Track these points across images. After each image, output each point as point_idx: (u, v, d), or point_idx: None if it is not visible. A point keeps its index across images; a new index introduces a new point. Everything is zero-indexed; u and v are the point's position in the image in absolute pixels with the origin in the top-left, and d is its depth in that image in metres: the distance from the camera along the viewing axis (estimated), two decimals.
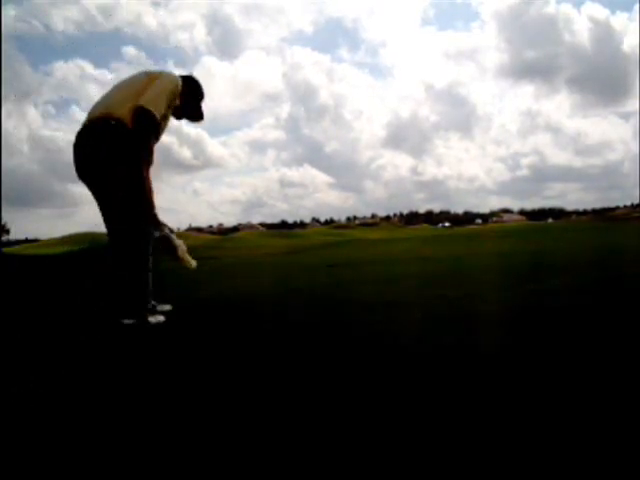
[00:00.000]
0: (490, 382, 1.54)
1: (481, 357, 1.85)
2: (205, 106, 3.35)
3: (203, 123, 3.36)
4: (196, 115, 3.26)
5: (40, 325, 3.08)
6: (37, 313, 3.62)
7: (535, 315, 2.60)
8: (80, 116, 2.56)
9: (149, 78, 2.88)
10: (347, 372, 1.73)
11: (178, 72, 3.18)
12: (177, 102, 3.00)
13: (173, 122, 3.22)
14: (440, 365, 1.76)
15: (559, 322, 2.39)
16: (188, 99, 3.11)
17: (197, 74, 3.29)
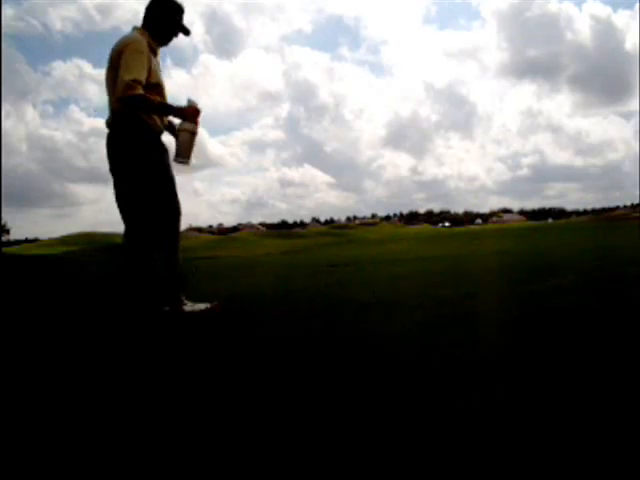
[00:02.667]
0: (489, 382, 1.53)
1: (481, 358, 1.84)
2: (204, 104, 3.35)
3: (191, 39, 3.37)
4: (181, 31, 3.10)
5: (41, 325, 3.07)
6: (38, 314, 3.61)
7: (535, 316, 2.60)
8: (79, 116, 2.53)
9: (118, 57, 2.77)
10: (346, 372, 1.73)
11: (175, 71, 3.14)
12: (151, 60, 2.87)
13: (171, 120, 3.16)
14: (440, 365, 1.75)
15: (559, 323, 2.38)
16: (167, 19, 3.01)
17: (196, 73, 3.28)
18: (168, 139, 3.13)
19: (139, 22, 3.11)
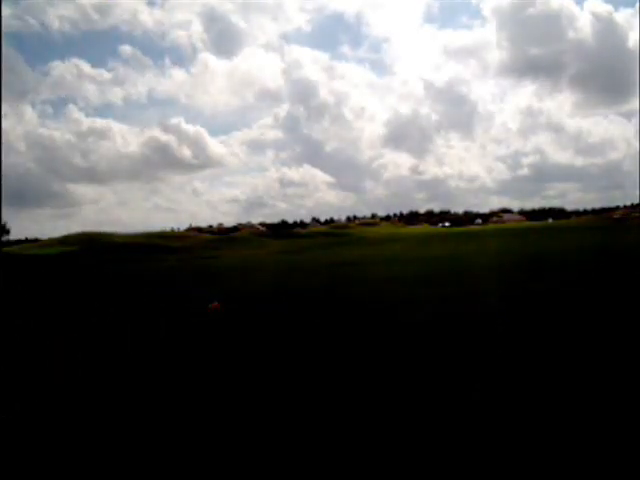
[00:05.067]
0: (490, 378, 1.54)
1: (481, 357, 1.85)
2: (204, 103, 3.13)
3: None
4: None
5: (40, 325, 3.08)
6: (38, 313, 3.62)
7: (535, 316, 2.60)
8: (77, 115, 2.45)
9: None
10: (346, 371, 1.73)
11: (174, 70, 2.80)
12: None
13: (171, 119, 3.09)
14: (440, 364, 1.75)
15: (557, 323, 2.39)
16: None
17: (195, 72, 3.11)
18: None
19: (137, 21, 3.03)
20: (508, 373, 1.61)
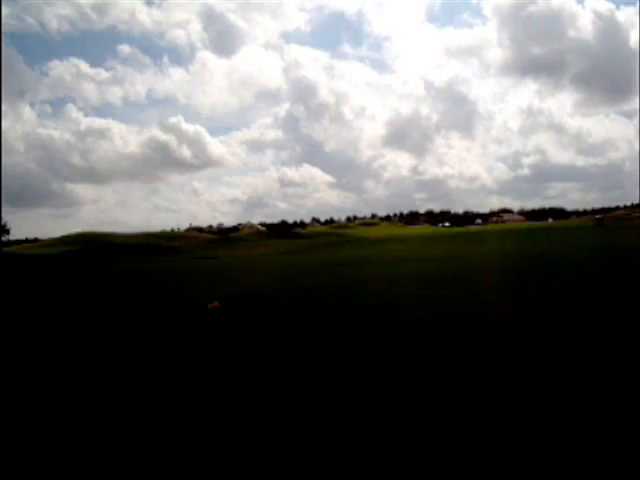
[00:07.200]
0: (488, 378, 1.55)
1: (480, 356, 1.85)
2: (203, 103, 3.15)
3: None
4: None
5: (40, 325, 3.08)
6: (37, 313, 3.63)
7: (531, 316, 2.60)
8: (76, 115, 2.47)
9: None
10: (347, 371, 1.74)
11: (173, 69, 2.79)
12: None
13: (170, 119, 3.12)
14: (441, 363, 1.76)
15: (553, 324, 2.39)
16: None
17: (194, 71, 3.10)
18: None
19: (136, 21, 3.02)
20: (508, 374, 1.62)
